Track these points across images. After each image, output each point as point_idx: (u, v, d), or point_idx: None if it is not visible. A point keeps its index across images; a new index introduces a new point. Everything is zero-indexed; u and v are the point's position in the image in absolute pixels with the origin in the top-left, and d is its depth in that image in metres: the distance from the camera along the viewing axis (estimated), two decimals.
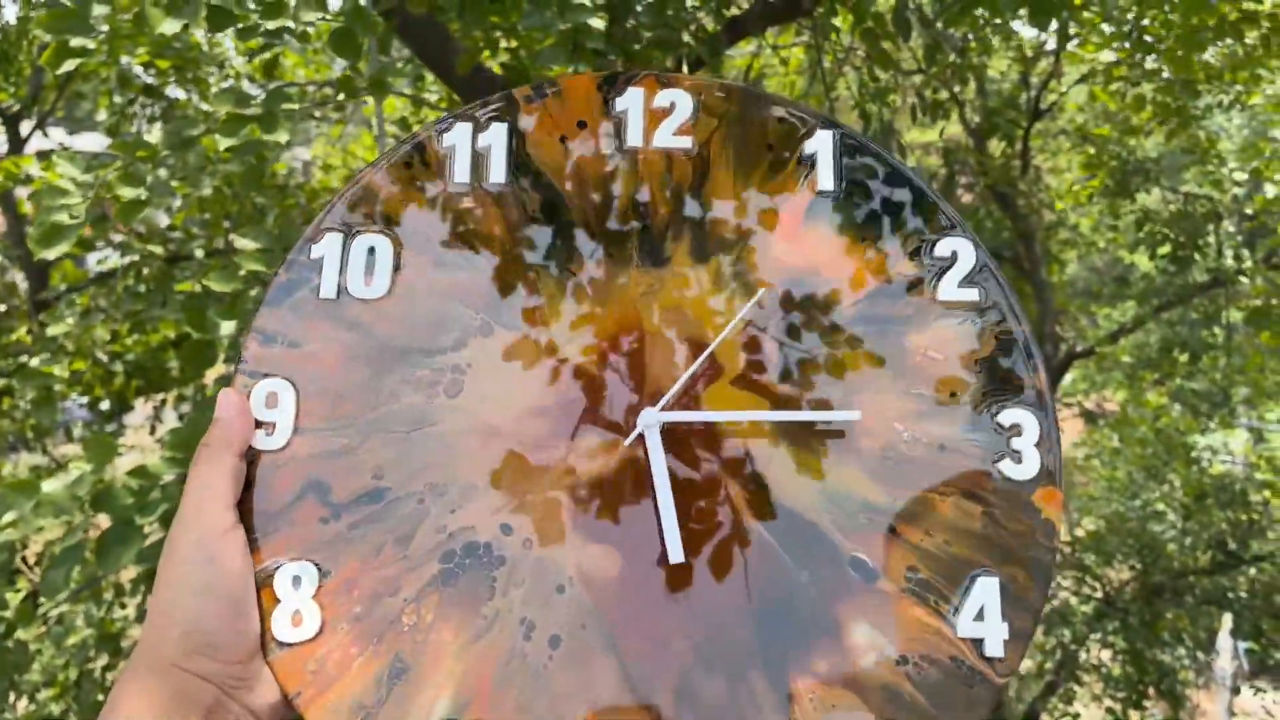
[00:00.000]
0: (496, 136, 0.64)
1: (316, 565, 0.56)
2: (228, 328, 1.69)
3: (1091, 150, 5.53)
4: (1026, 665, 7.20)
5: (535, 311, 0.61)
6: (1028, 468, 0.57)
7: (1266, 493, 6.14)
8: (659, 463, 0.56)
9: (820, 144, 0.64)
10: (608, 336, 0.60)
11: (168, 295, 2.50)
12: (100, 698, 2.80)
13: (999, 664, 0.54)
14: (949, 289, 0.61)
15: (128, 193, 1.53)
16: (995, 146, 5.67)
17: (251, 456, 0.57)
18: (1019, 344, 0.60)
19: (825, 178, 0.64)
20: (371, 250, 0.61)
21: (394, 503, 0.57)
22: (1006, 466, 0.57)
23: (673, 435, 0.58)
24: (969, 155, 5.34)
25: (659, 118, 0.65)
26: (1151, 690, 6.19)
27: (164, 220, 2.93)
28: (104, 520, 1.57)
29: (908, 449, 0.58)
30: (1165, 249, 5.46)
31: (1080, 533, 6.85)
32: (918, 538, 0.56)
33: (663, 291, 0.61)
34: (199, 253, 2.83)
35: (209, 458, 0.56)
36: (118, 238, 2.83)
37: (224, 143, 1.56)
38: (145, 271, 2.77)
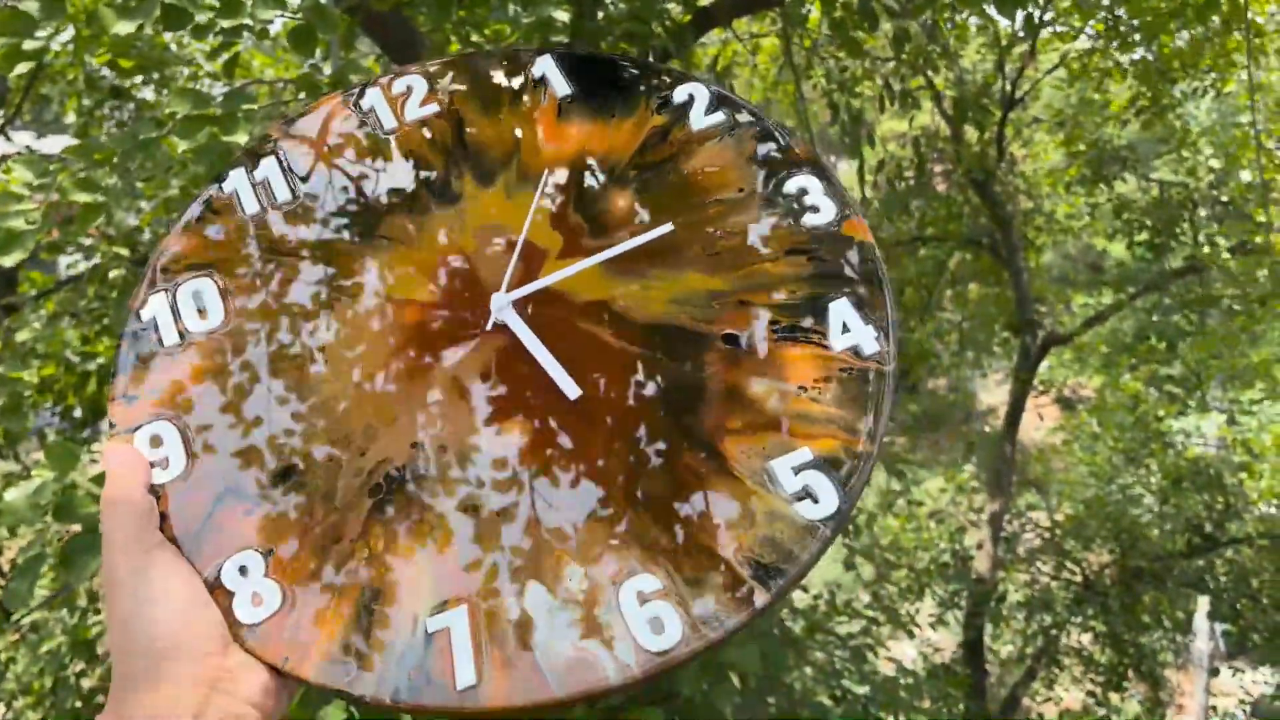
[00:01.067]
0: (269, 167, 0.71)
1: (256, 550, 0.57)
2: None
3: (1063, 139, 5.55)
4: (1008, 650, 7.25)
5: (363, 277, 0.66)
6: (826, 213, 0.66)
7: (1242, 475, 6.19)
8: (522, 328, 0.62)
9: (543, 65, 0.74)
10: (437, 268, 0.66)
11: None
12: (78, 704, 2.77)
13: (880, 355, 0.61)
14: (698, 120, 0.71)
15: (83, 197, 1.51)
16: (971, 135, 5.68)
17: (156, 493, 0.59)
18: (772, 132, 0.70)
19: (560, 87, 0.73)
20: (197, 293, 0.66)
21: (306, 471, 0.59)
22: (809, 218, 0.66)
23: (527, 315, 0.64)
24: (944, 143, 5.35)
25: (401, 100, 0.73)
26: (1131, 672, 6.25)
27: (133, 221, 2.89)
28: (77, 526, 1.55)
29: (725, 241, 0.65)
30: (1143, 236, 5.49)
31: (1059, 518, 6.90)
32: (765, 299, 0.63)
33: (467, 217, 0.68)
34: None
35: (115, 503, 0.56)
36: (86, 241, 2.79)
37: (182, 145, 1.54)
38: (113, 275, 2.73)
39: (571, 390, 0.60)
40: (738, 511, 0.57)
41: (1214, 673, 8.89)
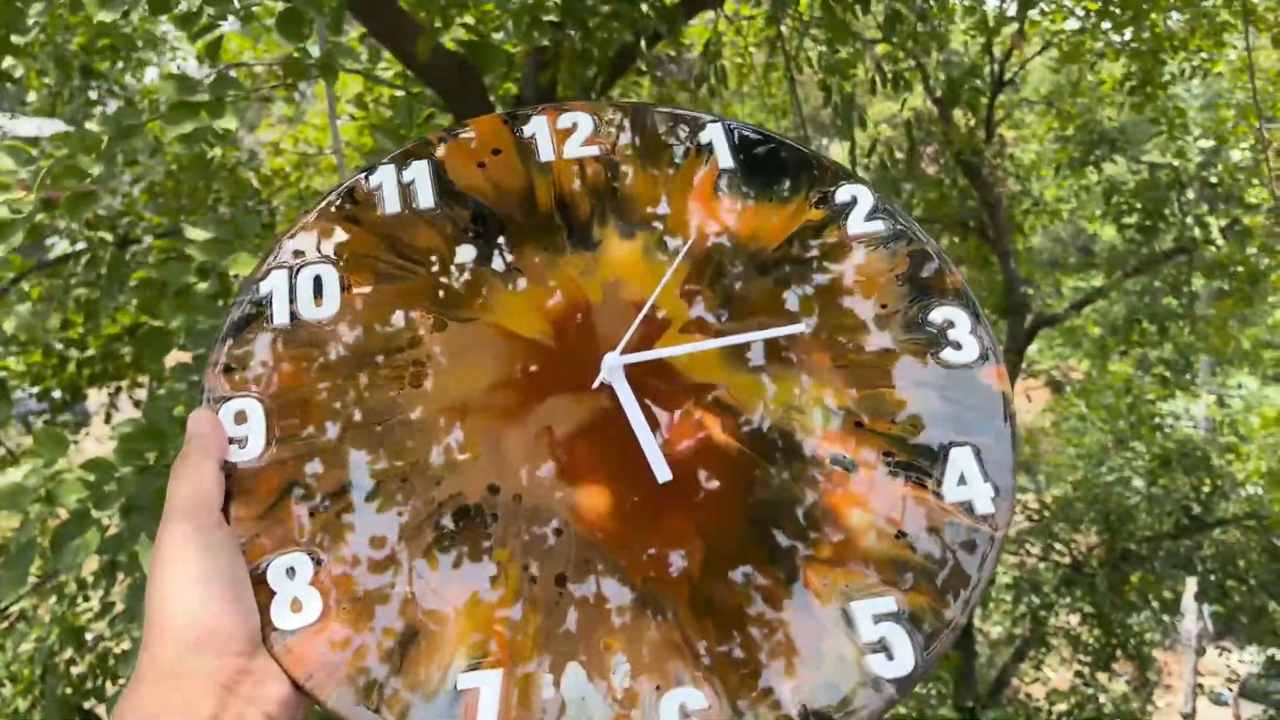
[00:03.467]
0: (419, 170, 0.69)
1: (309, 555, 0.55)
2: (179, 321, 1.64)
3: (1053, 120, 5.54)
4: (996, 631, 7.30)
5: (483, 302, 0.64)
6: (968, 352, 0.62)
7: (1230, 456, 6.23)
8: (628, 395, 0.59)
9: (712, 133, 0.72)
10: (557, 311, 0.64)
11: (123, 283, 2.45)
12: (68, 690, 2.76)
13: (991, 519, 0.57)
14: (856, 224, 0.67)
15: (72, 184, 1.49)
16: (960, 119, 5.67)
17: (229, 470, 0.57)
18: (930, 254, 0.66)
19: (724, 158, 0.71)
20: (318, 278, 0.64)
21: (379, 486, 0.57)
22: (949, 355, 0.62)
23: (636, 382, 0.60)
24: (933, 125, 5.34)
25: (565, 135, 0.71)
26: (1119, 653, 6.30)
27: (115, 203, 2.86)
28: (64, 514, 1.53)
29: (855, 355, 0.62)
30: (1132, 218, 5.49)
31: (1048, 499, 6.93)
32: (885, 426, 0.59)
33: (599, 268, 0.65)
34: (149, 238, 2.77)
35: (190, 465, 0.55)
36: (70, 224, 2.76)
37: (170, 131, 1.52)
38: (97, 257, 2.70)
39: (663, 473, 0.57)
40: (805, 647, 0.53)
41: (1201, 652, 8.98)
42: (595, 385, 0.60)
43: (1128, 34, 4.22)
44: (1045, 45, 5.23)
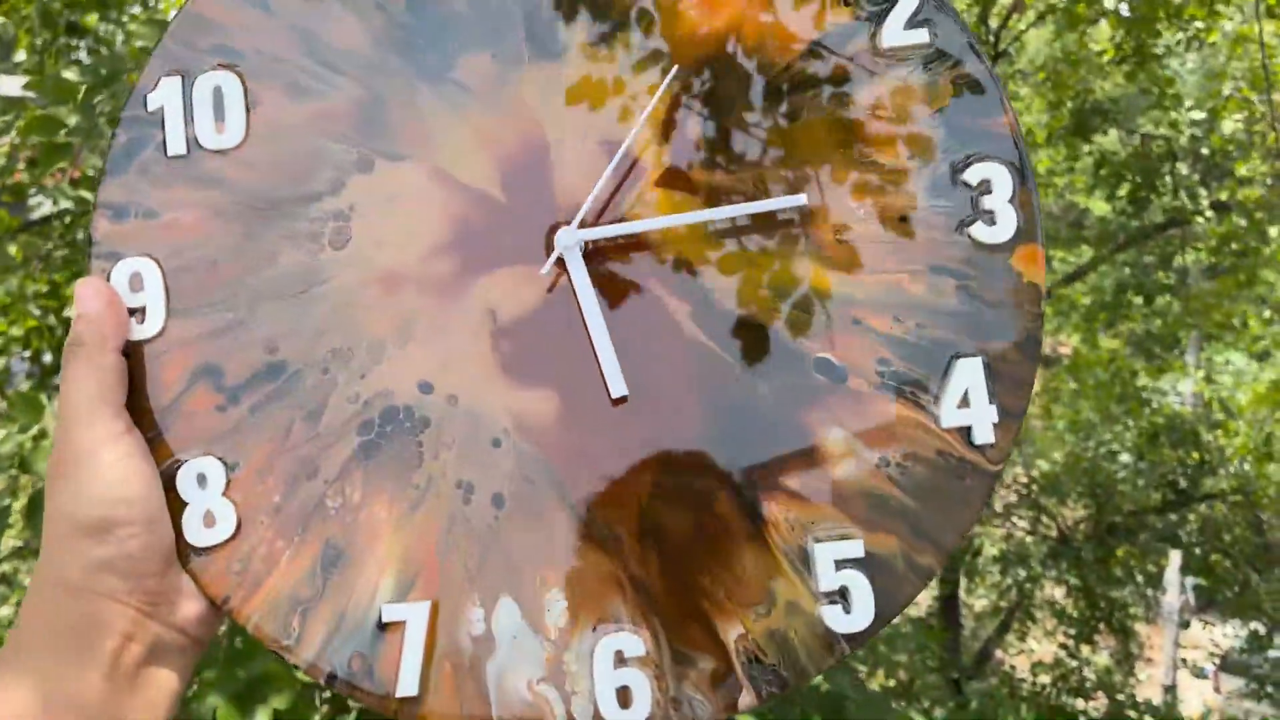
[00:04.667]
0: None
1: (220, 459, 0.50)
2: None
3: (1048, 89, 5.50)
4: (981, 603, 7.34)
5: (417, 134, 0.53)
6: (1002, 228, 0.51)
7: (1218, 433, 6.25)
8: (584, 287, 0.50)
9: None
10: (507, 151, 0.53)
11: None
12: None
13: (990, 450, 0.49)
14: (893, 33, 0.53)
15: (45, 137, 1.44)
16: None
17: (127, 350, 0.51)
18: (981, 84, 0.52)
19: None
20: (218, 91, 0.53)
21: (295, 376, 0.51)
22: (978, 230, 0.51)
23: (598, 254, 0.52)
24: None
25: None
26: (1102, 625, 6.34)
27: (95, 163, 2.80)
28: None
29: (865, 228, 0.51)
30: (1124, 190, 5.47)
31: (1036, 474, 6.95)
32: (886, 325, 0.50)
33: (564, 85, 0.53)
34: None
35: (83, 357, 0.49)
36: (50, 183, 2.70)
37: None
38: (78, 217, 2.65)
39: (618, 386, 0.50)
40: (757, 590, 0.48)
41: (1184, 625, 9.06)
42: (547, 265, 0.51)
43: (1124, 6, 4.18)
44: (1041, 15, 5.18)
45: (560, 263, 0.51)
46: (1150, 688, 8.05)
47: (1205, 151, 5.23)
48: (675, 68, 0.53)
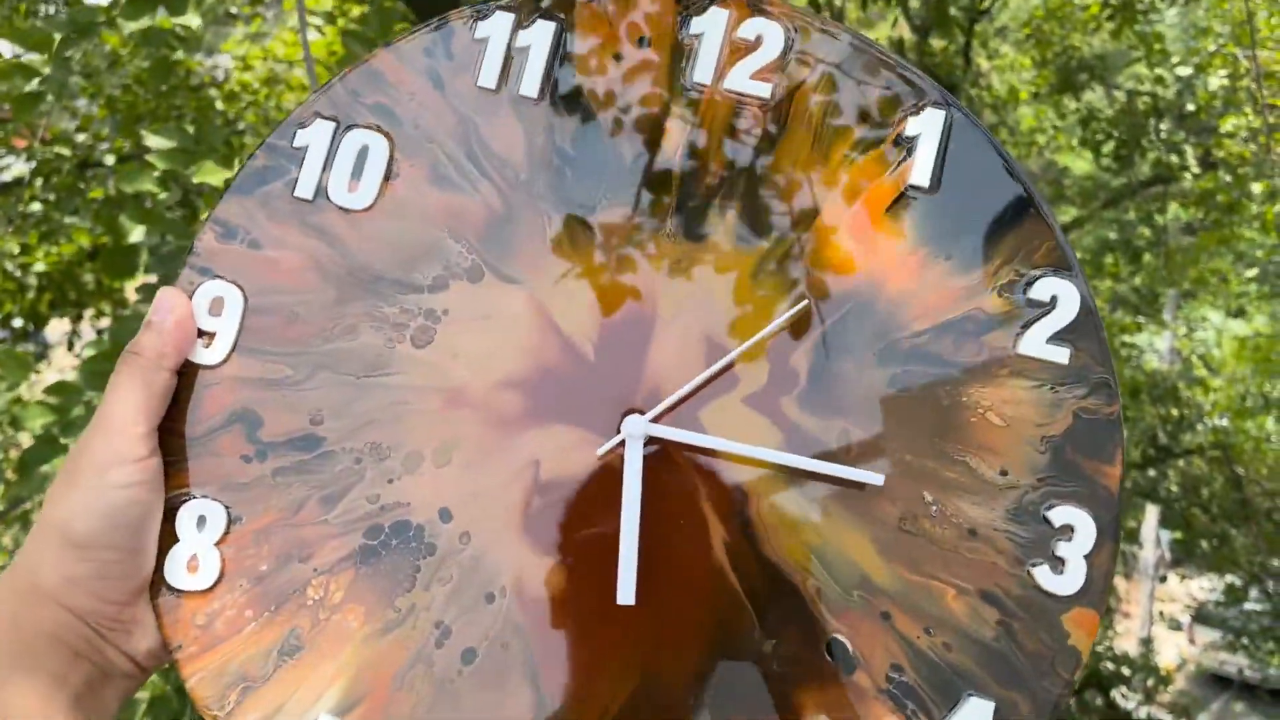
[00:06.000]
0: (539, 37, 0.53)
1: (226, 508, 0.49)
2: (139, 233, 1.56)
3: (1033, 51, 5.48)
4: None
5: (536, 262, 0.51)
6: (1069, 581, 0.47)
7: (1197, 389, 6.32)
8: (633, 482, 0.48)
9: (927, 124, 0.51)
10: (613, 312, 0.51)
11: (79, 202, 2.34)
12: None
13: None
14: (1035, 342, 0.49)
15: (20, 85, 1.39)
16: (938, 47, 5.59)
17: (182, 369, 0.50)
18: (1103, 427, 0.49)
19: (922, 169, 0.51)
20: (364, 150, 0.52)
21: (327, 455, 0.50)
22: (1043, 574, 0.48)
23: (660, 451, 0.50)
24: (913, 51, 5.25)
25: (739, 52, 0.53)
26: None
27: (71, 125, 2.74)
28: (26, 442, 1.48)
29: (931, 525, 0.48)
30: (1109, 147, 5.47)
31: None
32: (914, 633, 0.47)
33: (691, 271, 0.51)
34: (110, 159, 2.65)
35: (137, 369, 0.48)
36: (22, 143, 2.64)
37: (128, 27, 1.42)
38: (53, 180, 2.59)
39: (626, 595, 0.47)
40: None
41: (1162, 579, 9.21)
42: (605, 446, 0.49)
43: None
44: None
45: (619, 447, 0.49)
46: (1127, 640, 8.18)
47: (1191, 108, 5.23)
48: (806, 300, 0.50)
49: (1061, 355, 0.49)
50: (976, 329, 0.50)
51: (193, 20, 1.44)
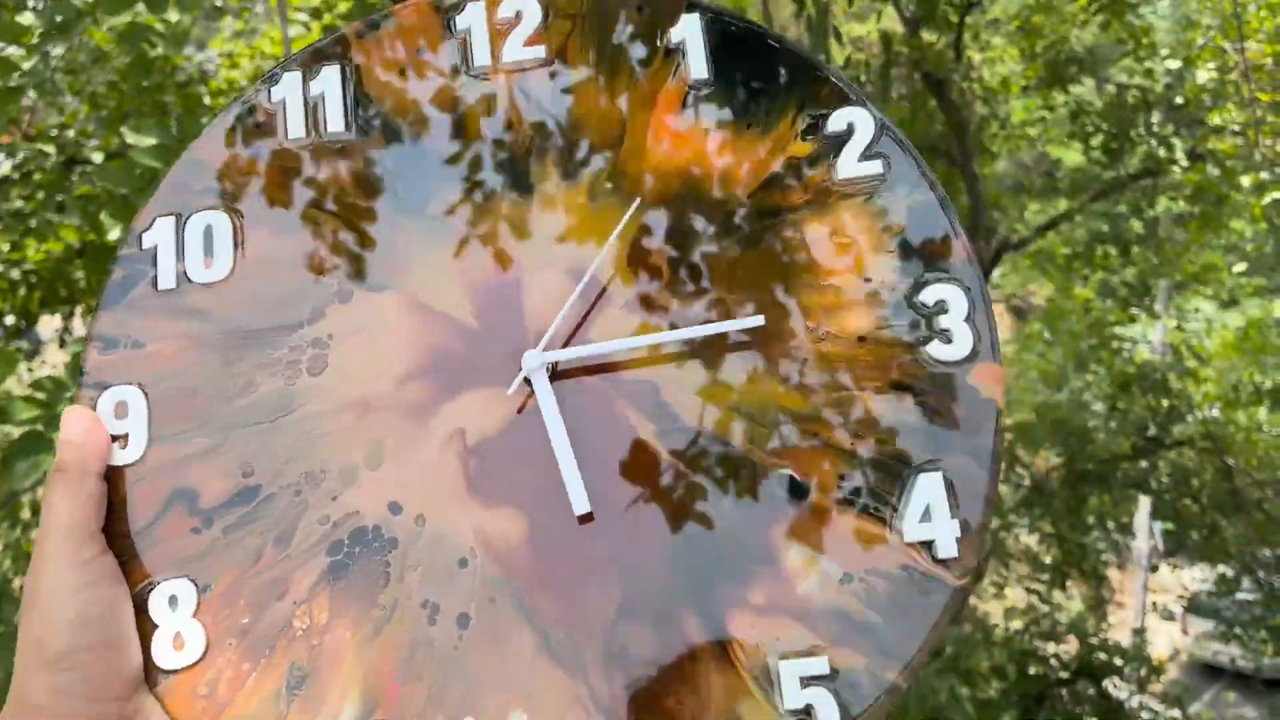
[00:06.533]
0: (329, 81, 0.59)
1: (193, 580, 0.51)
2: (119, 231, 1.56)
3: (1022, 38, 5.48)
4: None
5: (395, 265, 0.56)
6: (960, 346, 0.52)
7: (1188, 380, 6.33)
8: (550, 407, 0.52)
9: (686, 29, 0.58)
10: (478, 281, 0.55)
11: (65, 199, 2.34)
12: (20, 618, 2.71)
13: (954, 564, 0.49)
14: (849, 165, 0.56)
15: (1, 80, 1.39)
16: (929, 39, 5.59)
17: (108, 474, 0.52)
18: (934, 211, 0.55)
19: (697, 66, 0.58)
20: (209, 229, 0.56)
21: (268, 500, 0.52)
22: (936, 349, 0.52)
23: (567, 376, 0.53)
24: (903, 44, 5.26)
25: (505, 31, 0.59)
26: (1074, 572, 6.45)
27: (55, 121, 2.73)
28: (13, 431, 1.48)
29: (824, 346, 0.53)
30: (1098, 140, 5.48)
31: (1010, 423, 7.02)
32: (847, 441, 0.51)
33: (533, 220, 0.56)
34: (97, 156, 2.65)
35: (64, 484, 0.50)
36: (6, 140, 2.63)
37: (107, 22, 1.42)
38: (37, 177, 2.59)
39: (581, 504, 0.50)
40: (723, 712, 0.48)
41: (1154, 569, 9.24)
42: (514, 386, 0.52)
43: None
44: None
45: (529, 384, 0.52)
46: (1120, 631, 8.22)
47: (1179, 101, 5.24)
48: (638, 200, 0.56)
49: (875, 167, 0.55)
50: (797, 173, 0.56)
51: (172, 15, 1.45)
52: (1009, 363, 8.42)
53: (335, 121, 0.58)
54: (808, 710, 0.47)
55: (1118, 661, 5.69)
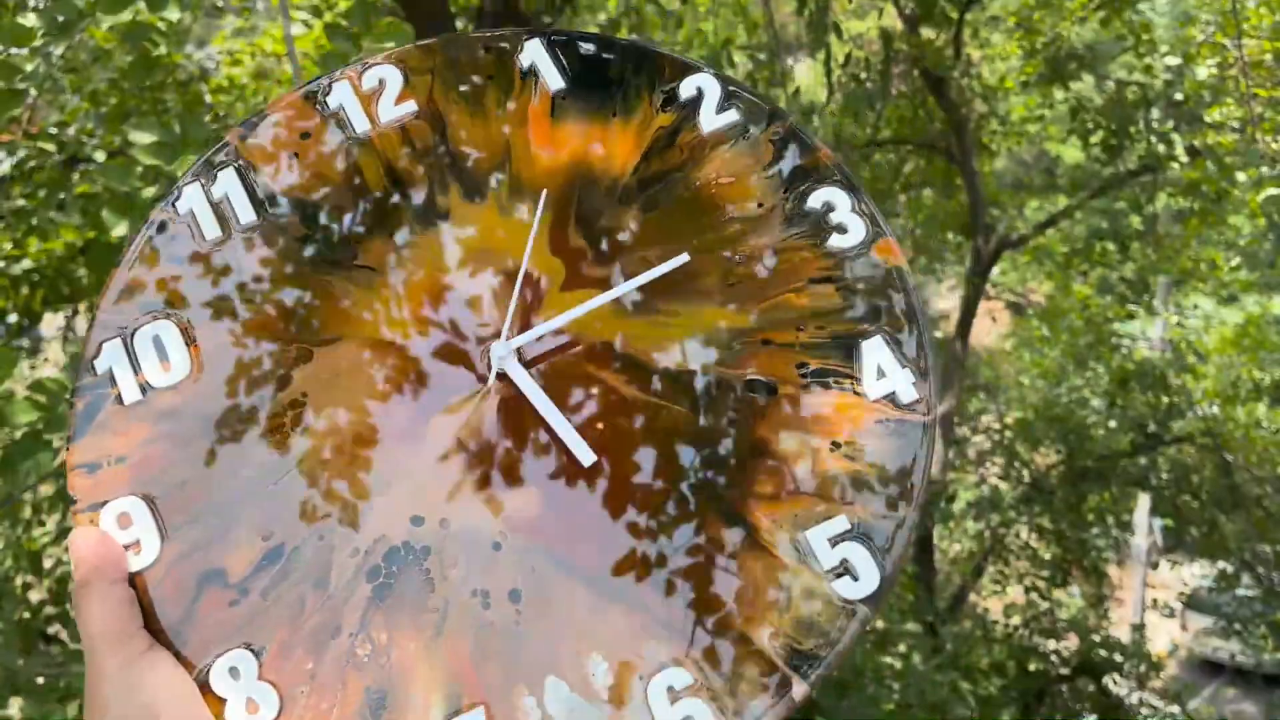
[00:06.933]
0: (228, 182, 0.62)
1: (247, 647, 0.51)
2: (122, 229, 1.57)
3: (1021, 36, 5.48)
4: (956, 549, 7.45)
5: (340, 318, 0.59)
6: (855, 234, 0.60)
7: (1187, 376, 6.34)
8: (528, 384, 0.56)
9: (532, 52, 0.66)
10: (423, 305, 0.59)
11: (66, 198, 2.34)
12: (26, 615, 2.72)
13: (918, 405, 0.56)
14: (710, 119, 0.63)
15: (2, 82, 1.40)
16: (929, 36, 5.59)
17: (130, 581, 0.52)
18: (793, 136, 0.63)
19: (552, 78, 0.65)
20: (157, 338, 0.58)
21: (294, 553, 0.53)
22: (835, 240, 0.60)
23: (534, 361, 0.58)
24: (903, 41, 5.26)
25: (373, 98, 0.65)
26: (1074, 569, 6.45)
27: (56, 119, 2.73)
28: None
29: (744, 268, 0.59)
30: (1098, 137, 5.48)
31: (1009, 421, 7.02)
32: (791, 336, 0.57)
33: (456, 241, 0.61)
34: (99, 155, 2.65)
35: (90, 594, 0.50)
36: (6, 138, 2.63)
37: (106, 22, 1.42)
38: (38, 175, 2.59)
39: (585, 456, 0.54)
40: (772, 591, 0.52)
41: (1154, 565, 9.25)
42: (491, 380, 0.56)
43: None
44: None
45: (503, 376, 0.56)
46: (1120, 627, 8.23)
47: (1179, 97, 5.24)
48: (544, 192, 0.61)
49: (733, 115, 0.63)
50: (670, 139, 0.63)
51: (173, 14, 1.45)
52: (1007, 359, 8.42)
53: (245, 214, 0.61)
54: (845, 565, 0.52)
55: (1117, 658, 5.71)
